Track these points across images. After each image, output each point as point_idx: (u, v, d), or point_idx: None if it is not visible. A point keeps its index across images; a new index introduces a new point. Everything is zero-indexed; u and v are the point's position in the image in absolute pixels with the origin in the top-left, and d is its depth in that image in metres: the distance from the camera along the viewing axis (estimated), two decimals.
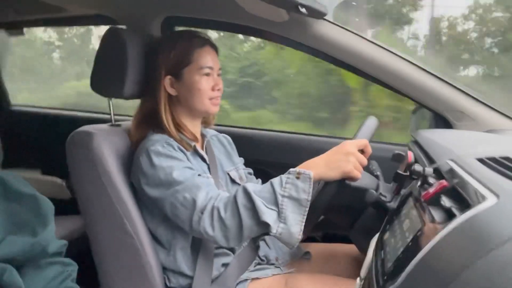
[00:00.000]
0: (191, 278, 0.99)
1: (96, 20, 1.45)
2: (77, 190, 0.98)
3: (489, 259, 0.38)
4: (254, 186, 0.90)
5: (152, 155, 0.95)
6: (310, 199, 0.84)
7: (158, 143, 0.97)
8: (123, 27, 1.38)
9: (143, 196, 0.97)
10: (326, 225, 1.06)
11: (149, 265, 0.96)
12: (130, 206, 0.96)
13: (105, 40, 1.06)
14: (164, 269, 1.01)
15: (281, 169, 1.26)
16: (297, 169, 0.87)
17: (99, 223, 0.97)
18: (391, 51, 1.21)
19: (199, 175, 0.98)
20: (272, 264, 1.14)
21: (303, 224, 0.86)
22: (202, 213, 0.90)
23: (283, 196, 0.85)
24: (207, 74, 1.05)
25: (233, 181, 1.17)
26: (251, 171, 1.29)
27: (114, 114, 1.12)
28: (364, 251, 0.82)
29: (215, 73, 1.08)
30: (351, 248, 1.19)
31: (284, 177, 0.87)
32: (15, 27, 1.65)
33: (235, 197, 0.88)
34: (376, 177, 1.04)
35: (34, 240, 0.62)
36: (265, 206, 0.85)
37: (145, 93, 1.09)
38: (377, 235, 0.83)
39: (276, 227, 0.85)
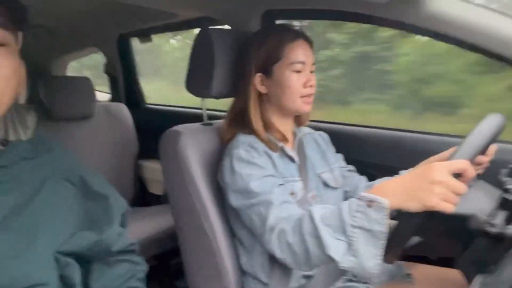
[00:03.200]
0: (268, 285, 0.94)
1: (203, 22, 1.52)
2: (166, 186, 1.03)
3: None
4: (323, 209, 0.79)
5: (234, 160, 0.93)
6: (387, 230, 0.69)
7: (242, 146, 0.95)
8: (227, 26, 1.42)
9: (226, 199, 0.97)
10: (429, 247, 0.87)
11: (224, 267, 0.95)
12: (209, 207, 0.96)
13: (196, 41, 1.08)
14: (243, 272, 0.99)
15: (389, 172, 1.11)
16: (370, 194, 0.72)
17: (182, 220, 1.00)
18: None
19: (281, 184, 0.92)
20: (365, 283, 1.01)
21: (380, 257, 0.71)
22: (271, 233, 0.84)
23: (353, 226, 0.72)
24: (299, 70, 0.98)
25: (326, 184, 1.07)
26: (352, 167, 1.17)
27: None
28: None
29: (308, 69, 1.00)
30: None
31: (354, 203, 0.74)
32: (142, 35, 1.88)
33: (301, 222, 0.80)
34: (507, 191, 0.80)
35: (99, 238, 0.65)
36: (332, 236, 0.74)
37: (236, 92, 1.08)
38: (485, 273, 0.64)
39: (345, 261, 0.72)
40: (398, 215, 0.71)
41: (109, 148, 1.87)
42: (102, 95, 2.40)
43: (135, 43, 2.04)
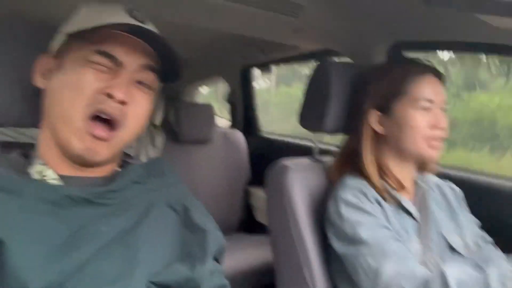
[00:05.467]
0: None
1: (324, 54, 1.49)
2: (269, 220, 0.99)
3: None
4: (459, 272, 0.65)
5: (341, 204, 0.85)
6: None
7: (350, 190, 0.86)
8: (348, 59, 1.36)
9: (330, 245, 0.88)
10: None
11: None
12: (311, 252, 0.89)
13: (312, 74, 1.05)
14: None
15: None
16: None
17: (281, 260, 0.94)
18: None
19: (397, 240, 0.80)
20: None
21: None
22: None
23: None
24: (425, 109, 0.86)
25: (452, 249, 0.89)
26: (489, 238, 0.96)
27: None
28: None
29: (437, 107, 0.87)
30: None
31: (507, 270, 0.58)
32: (263, 66, 1.94)
33: (429, 284, 0.67)
34: None
35: (190, 275, 0.63)
36: None
37: (349, 130, 1.00)
38: None
39: None
40: None
41: (223, 171, 1.95)
42: (223, 121, 2.54)
43: None
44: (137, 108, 0.63)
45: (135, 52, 0.62)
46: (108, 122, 0.61)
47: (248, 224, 2.02)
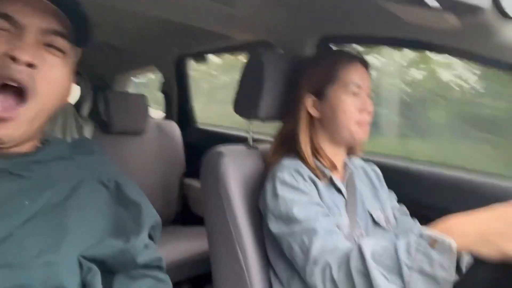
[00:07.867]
0: None
1: (258, 46, 1.51)
2: (203, 207, 1.00)
3: None
4: (375, 245, 0.71)
5: (277, 183, 0.88)
6: (453, 278, 0.59)
7: (286, 170, 0.90)
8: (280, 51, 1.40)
9: (266, 226, 0.91)
10: None
11: None
12: (245, 235, 0.91)
13: (247, 63, 1.07)
14: None
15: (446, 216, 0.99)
16: (433, 232, 0.63)
17: (216, 245, 0.96)
18: None
19: (327, 215, 0.85)
20: None
21: None
22: (314, 265, 0.77)
23: (410, 268, 0.63)
24: (355, 94, 0.93)
25: (375, 223, 0.98)
26: (404, 208, 1.07)
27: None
28: None
29: (364, 93, 0.95)
30: None
31: (413, 240, 0.65)
32: (199, 56, 1.93)
33: (348, 257, 0.72)
34: None
35: (124, 246, 0.62)
36: (385, 277, 0.65)
37: (286, 116, 1.04)
38: None
39: None
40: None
41: (157, 163, 1.91)
42: (158, 113, 2.48)
43: None
44: (49, 72, 0.58)
45: (38, 14, 0.57)
46: (17, 91, 0.56)
47: (184, 216, 2.00)
